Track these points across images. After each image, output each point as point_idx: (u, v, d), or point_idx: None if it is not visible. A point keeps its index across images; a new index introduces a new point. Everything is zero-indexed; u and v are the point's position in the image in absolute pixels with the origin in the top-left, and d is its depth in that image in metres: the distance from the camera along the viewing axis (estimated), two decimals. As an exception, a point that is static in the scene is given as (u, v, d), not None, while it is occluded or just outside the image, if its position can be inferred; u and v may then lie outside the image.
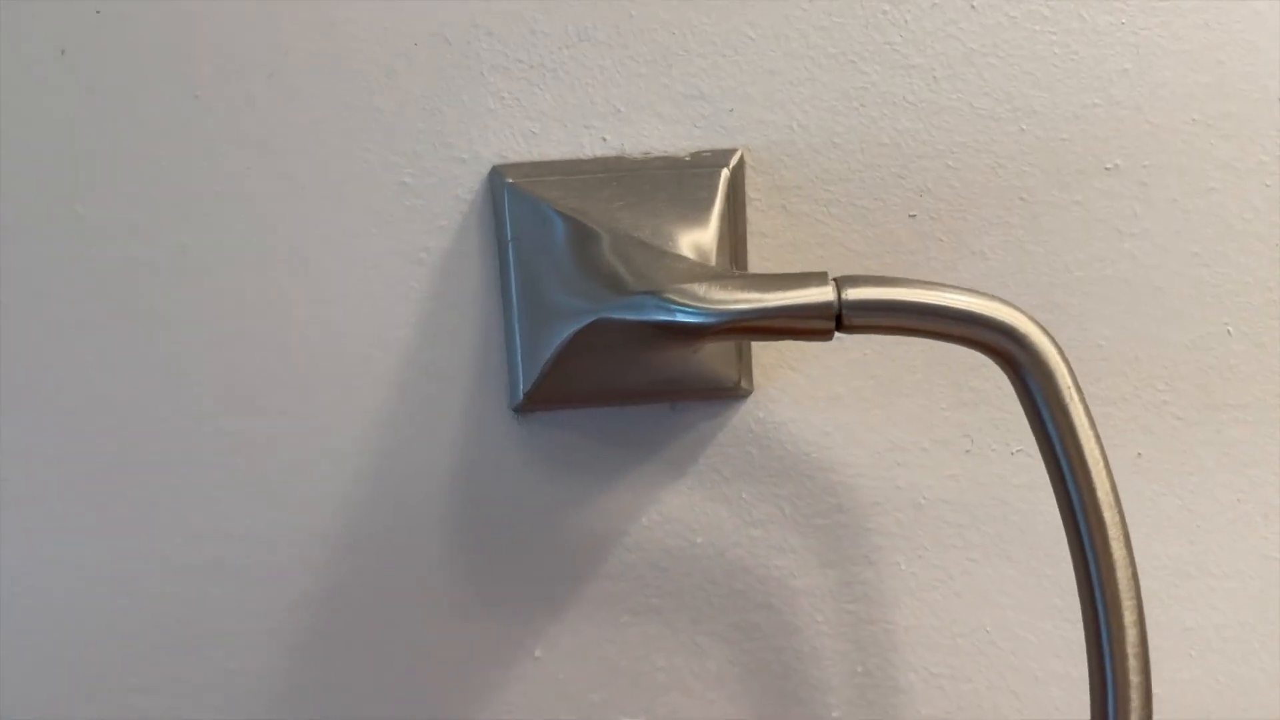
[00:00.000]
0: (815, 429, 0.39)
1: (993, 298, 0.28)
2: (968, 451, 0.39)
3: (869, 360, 0.38)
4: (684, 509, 0.39)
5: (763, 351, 0.38)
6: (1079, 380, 0.28)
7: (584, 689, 0.40)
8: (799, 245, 0.37)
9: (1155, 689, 0.30)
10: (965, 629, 0.40)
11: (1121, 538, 0.28)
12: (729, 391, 0.37)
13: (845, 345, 0.38)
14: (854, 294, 0.27)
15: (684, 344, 0.30)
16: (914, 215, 0.37)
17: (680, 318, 0.28)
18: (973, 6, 0.36)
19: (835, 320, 0.28)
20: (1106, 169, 0.37)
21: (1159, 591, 0.40)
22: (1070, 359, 0.28)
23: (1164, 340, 0.38)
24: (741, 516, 0.39)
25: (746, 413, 0.38)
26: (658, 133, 0.37)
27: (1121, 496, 0.29)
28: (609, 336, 0.32)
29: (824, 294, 0.27)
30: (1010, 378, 0.28)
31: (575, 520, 0.39)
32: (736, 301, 0.28)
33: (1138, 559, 0.29)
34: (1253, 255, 0.38)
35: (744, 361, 0.37)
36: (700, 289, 0.28)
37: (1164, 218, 0.38)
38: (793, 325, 0.28)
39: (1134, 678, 0.28)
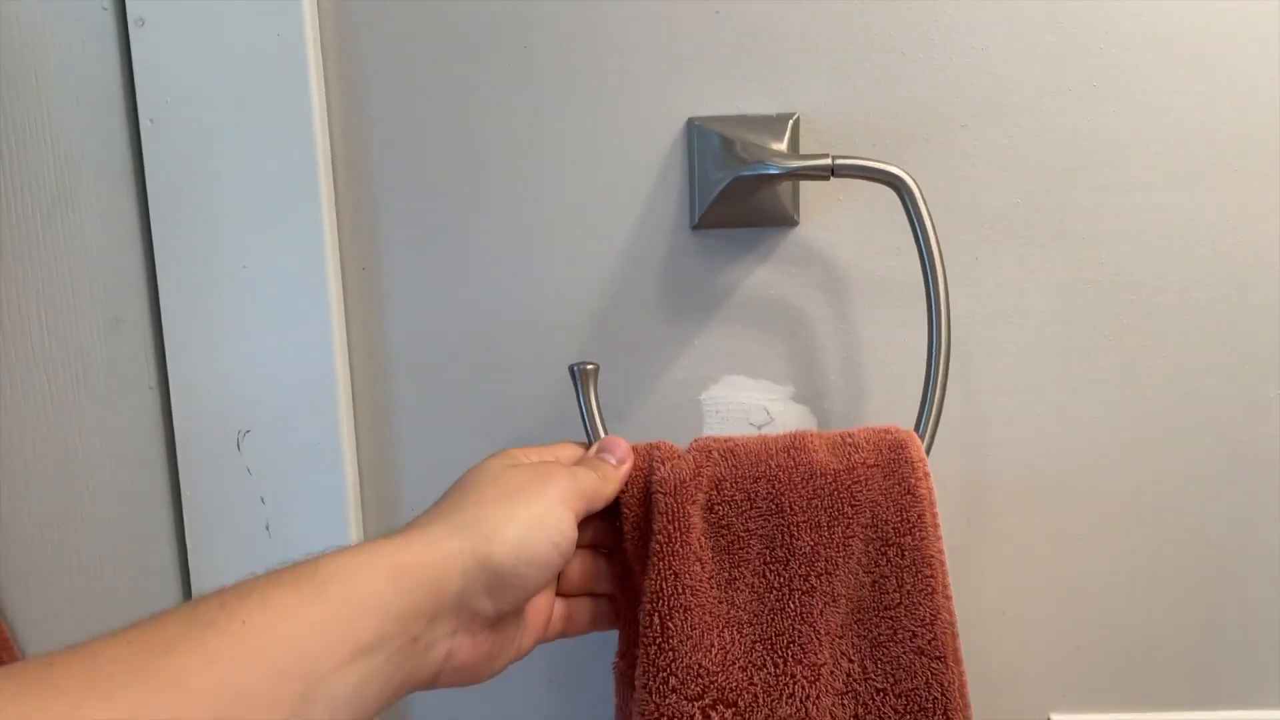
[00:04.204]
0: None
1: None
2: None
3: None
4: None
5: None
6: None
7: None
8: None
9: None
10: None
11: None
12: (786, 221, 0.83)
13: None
14: (841, 161, 0.73)
15: (774, 184, 0.76)
16: (874, 146, 0.82)
17: (771, 171, 0.74)
18: None
19: (830, 171, 0.73)
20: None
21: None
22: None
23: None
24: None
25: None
26: (764, 103, 0.82)
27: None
28: (740, 186, 0.77)
29: (825, 161, 0.73)
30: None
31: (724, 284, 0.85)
32: (791, 163, 0.74)
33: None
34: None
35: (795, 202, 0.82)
36: (777, 160, 0.74)
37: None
38: (809, 174, 0.73)
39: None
